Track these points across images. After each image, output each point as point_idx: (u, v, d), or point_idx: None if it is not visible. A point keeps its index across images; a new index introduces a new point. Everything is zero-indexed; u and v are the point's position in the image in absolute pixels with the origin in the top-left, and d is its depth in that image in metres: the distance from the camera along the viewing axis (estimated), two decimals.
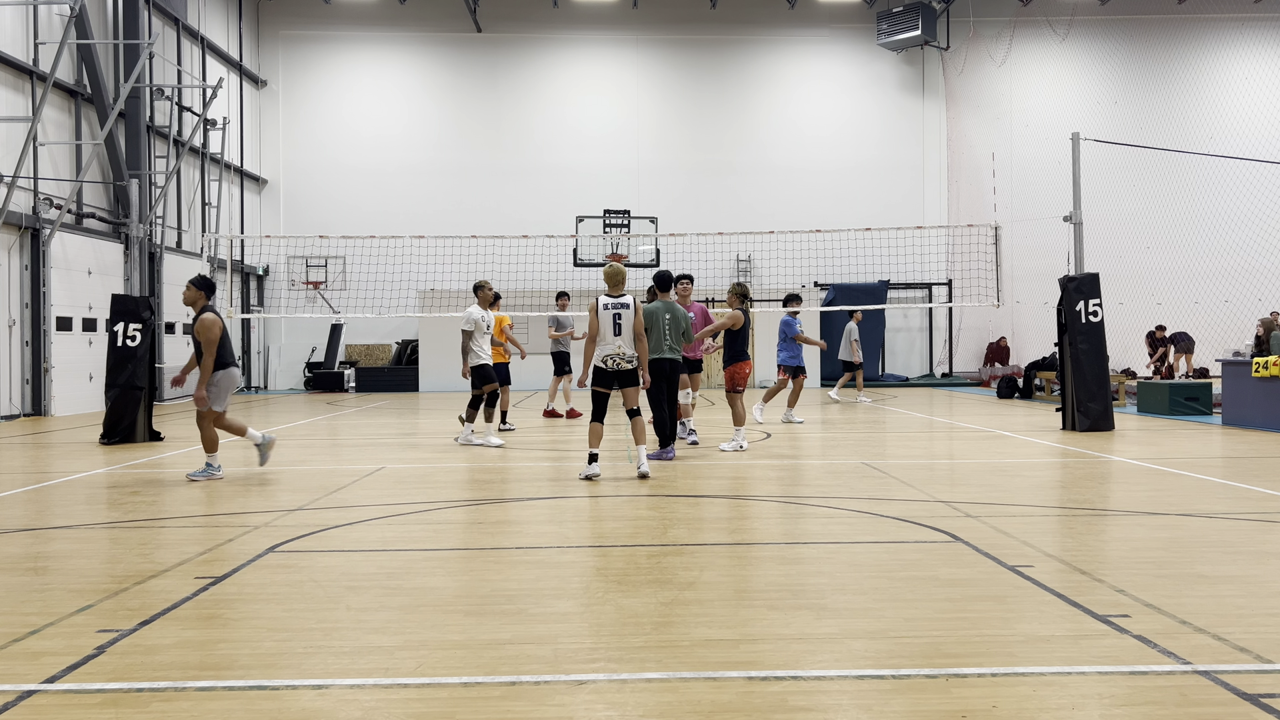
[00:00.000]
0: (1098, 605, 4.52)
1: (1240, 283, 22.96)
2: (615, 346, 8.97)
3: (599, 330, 8.99)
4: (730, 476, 9.01)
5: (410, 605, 4.64)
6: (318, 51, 27.66)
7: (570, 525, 6.74)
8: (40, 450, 11.86)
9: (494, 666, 3.77)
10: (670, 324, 10.21)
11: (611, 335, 8.98)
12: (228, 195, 25.22)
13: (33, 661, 3.86)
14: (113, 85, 19.61)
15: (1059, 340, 13.35)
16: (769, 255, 26.95)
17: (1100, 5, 27.63)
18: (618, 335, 8.97)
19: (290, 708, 3.38)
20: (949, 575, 5.12)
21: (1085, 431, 12.69)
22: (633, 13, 27.83)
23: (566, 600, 4.71)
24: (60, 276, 17.83)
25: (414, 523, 6.88)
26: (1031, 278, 25.04)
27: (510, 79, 27.79)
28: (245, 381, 26.07)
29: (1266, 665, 3.71)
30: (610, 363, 8.99)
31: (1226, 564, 5.32)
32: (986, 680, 3.58)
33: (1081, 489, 8.17)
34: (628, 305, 9.00)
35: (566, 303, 15.72)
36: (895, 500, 7.52)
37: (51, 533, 6.56)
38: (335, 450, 11.66)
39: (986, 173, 26.69)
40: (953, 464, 9.99)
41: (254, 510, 7.32)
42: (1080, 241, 13.66)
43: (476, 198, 27.36)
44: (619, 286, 9.09)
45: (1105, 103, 26.71)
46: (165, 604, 4.68)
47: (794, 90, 28.25)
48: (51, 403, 17.53)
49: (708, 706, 3.36)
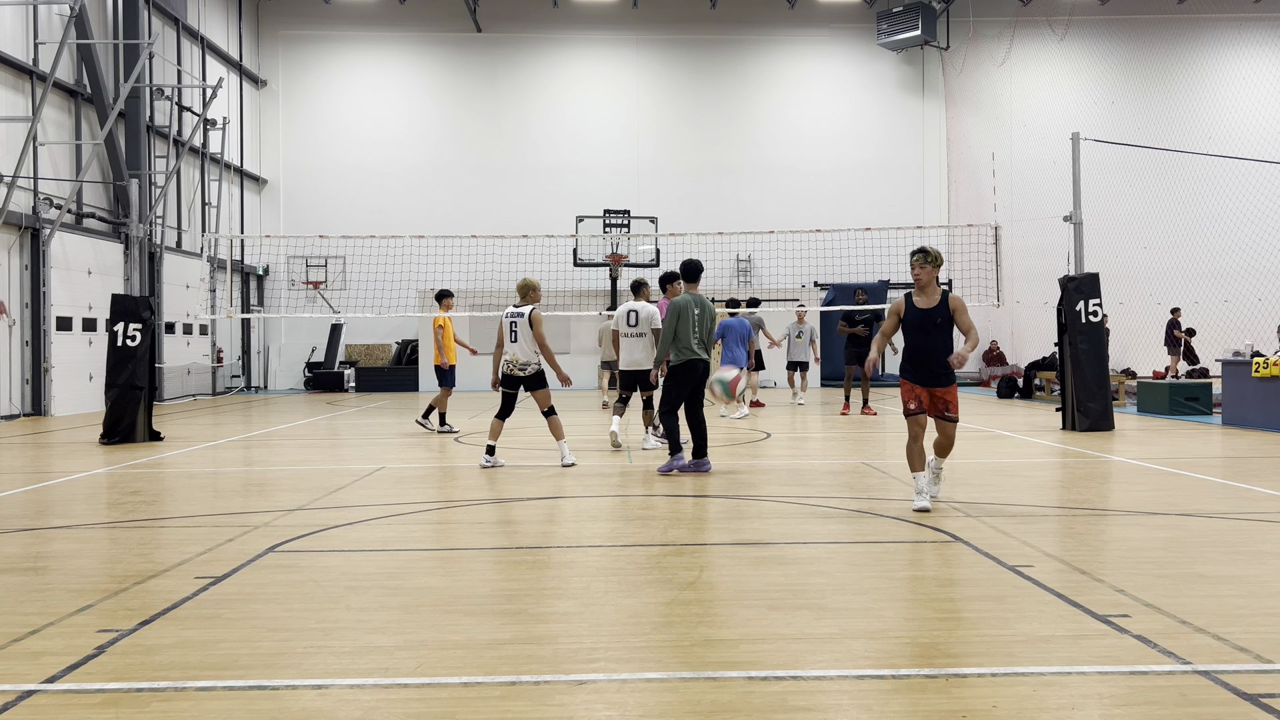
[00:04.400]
0: (1098, 605, 4.52)
1: (1240, 283, 22.94)
2: (511, 353, 9.66)
3: (501, 338, 9.77)
4: (730, 477, 9.01)
5: (410, 605, 4.64)
6: (318, 51, 27.65)
7: (570, 525, 6.74)
8: (40, 450, 11.86)
9: (494, 666, 3.77)
10: (699, 319, 9.19)
11: (509, 342, 9.67)
12: (228, 195, 25.21)
13: (33, 661, 3.86)
14: (113, 85, 19.60)
15: (1059, 340, 13.35)
16: (769, 255, 26.95)
17: (1100, 5, 27.63)
18: (514, 342, 9.64)
19: (290, 708, 3.38)
20: (949, 575, 5.12)
21: (1085, 431, 12.68)
22: (633, 13, 27.83)
23: (566, 600, 4.71)
24: (60, 276, 17.83)
25: (414, 523, 6.88)
26: (1031, 278, 25.04)
27: (510, 79, 27.78)
28: (245, 381, 26.08)
29: (1266, 665, 3.71)
30: (506, 367, 9.72)
31: (1226, 564, 5.32)
32: (986, 680, 3.58)
33: (1081, 489, 8.17)
34: (522, 314, 9.63)
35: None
36: (895, 500, 7.52)
37: (51, 533, 6.56)
38: (335, 450, 11.66)
39: (986, 173, 26.69)
40: (953, 464, 9.99)
41: (254, 510, 7.32)
42: (1080, 241, 13.66)
43: (476, 197, 27.36)
44: (523, 298, 9.80)
45: (1104, 103, 26.70)
46: (165, 604, 4.68)
47: (794, 90, 28.25)
48: (51, 403, 17.53)
49: (708, 706, 3.36)
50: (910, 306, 7.11)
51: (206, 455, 11.13)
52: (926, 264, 7.01)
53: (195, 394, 22.77)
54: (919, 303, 7.10)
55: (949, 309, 7.00)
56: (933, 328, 6.99)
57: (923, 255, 6.99)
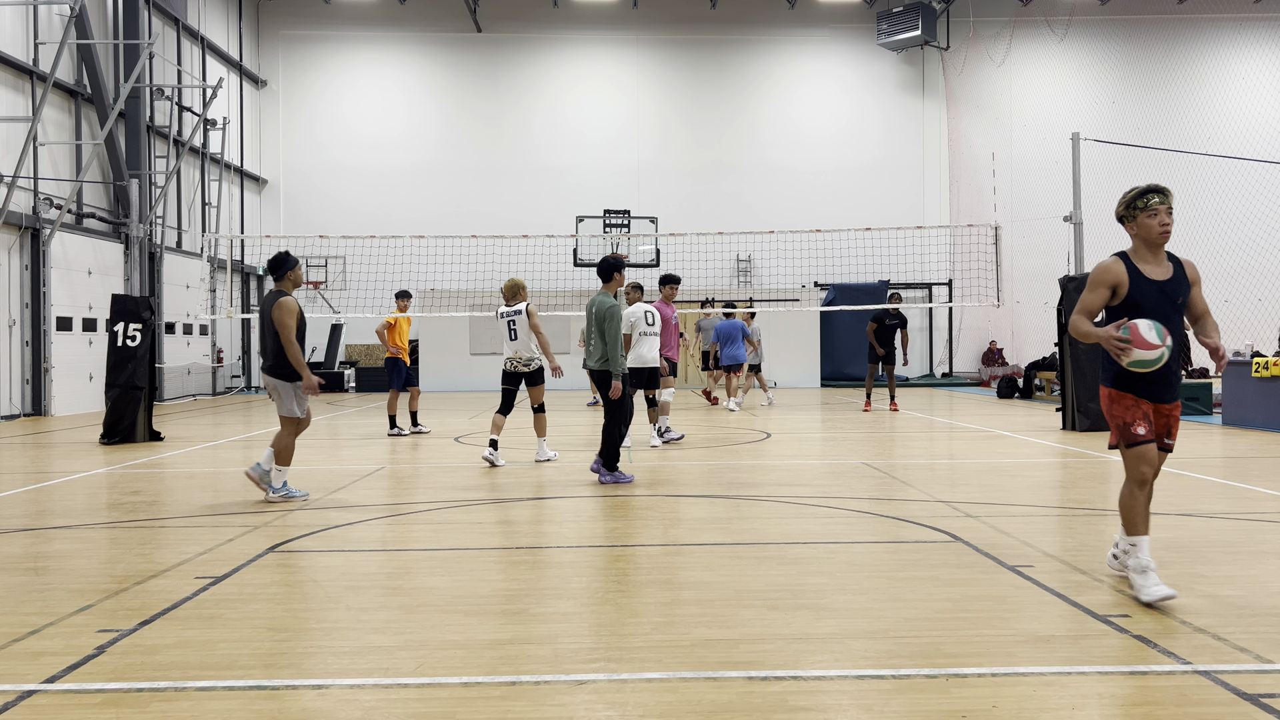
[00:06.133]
0: (1098, 605, 4.52)
1: (1240, 282, 22.94)
2: (512, 350, 9.90)
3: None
4: (730, 477, 9.01)
5: (410, 605, 4.64)
6: (318, 51, 27.65)
7: (570, 525, 6.74)
8: (40, 450, 11.86)
9: (494, 666, 3.77)
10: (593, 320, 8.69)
11: (508, 340, 9.94)
12: (228, 195, 25.21)
13: (33, 661, 3.86)
14: (113, 85, 19.60)
15: (1059, 340, 13.35)
16: (769, 255, 26.96)
17: (1100, 5, 27.63)
18: (514, 340, 9.90)
19: (290, 708, 3.38)
20: (949, 575, 5.12)
21: (1085, 431, 12.68)
22: (633, 13, 27.83)
23: (566, 600, 4.71)
24: (60, 276, 17.83)
25: (414, 523, 6.88)
26: (1031, 278, 25.05)
27: (510, 79, 27.78)
28: (245, 381, 26.08)
29: (1266, 665, 3.71)
30: (509, 364, 9.95)
31: (1226, 564, 5.32)
32: (986, 680, 3.58)
33: (1081, 489, 8.17)
34: (519, 311, 9.89)
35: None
36: (895, 500, 7.52)
37: (51, 533, 6.55)
38: (335, 450, 11.66)
39: (986, 173, 26.68)
40: (953, 464, 9.99)
41: (254, 510, 7.32)
42: (1080, 241, 13.66)
43: (477, 198, 27.36)
44: (514, 297, 10.00)
45: (1104, 103, 26.71)
46: (165, 604, 4.67)
47: (794, 90, 28.25)
48: (51, 403, 17.53)
49: (708, 706, 3.36)
50: (1138, 275, 4.68)
51: (206, 455, 11.13)
52: (1172, 209, 4.71)
53: (195, 394, 22.77)
54: (1149, 271, 4.70)
55: (1188, 280, 4.74)
56: (1172, 310, 4.66)
57: (1165, 195, 4.71)
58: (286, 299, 7.65)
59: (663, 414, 11.94)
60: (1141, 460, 4.61)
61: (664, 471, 9.36)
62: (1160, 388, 4.69)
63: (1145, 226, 4.66)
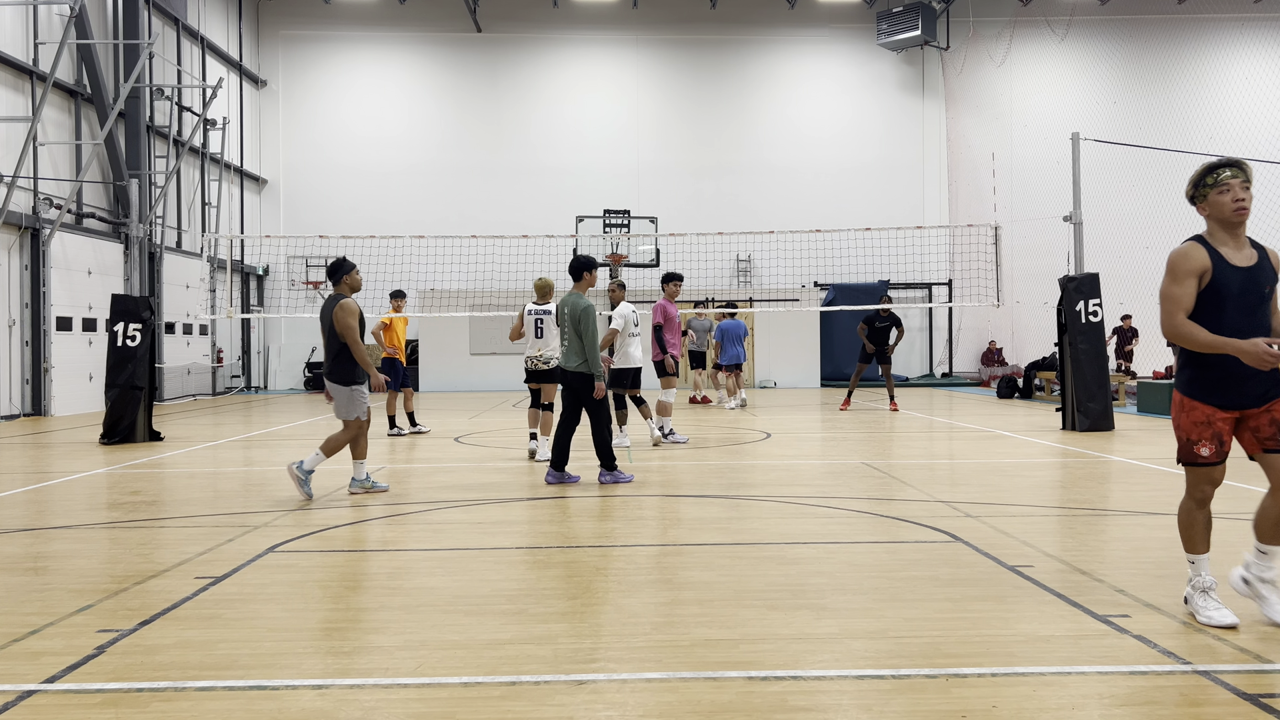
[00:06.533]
0: (1098, 605, 4.52)
1: None
2: (535, 349, 10.01)
3: (523, 333, 10.13)
4: (730, 477, 9.01)
5: (410, 605, 4.63)
6: (318, 51, 27.64)
7: (570, 525, 6.74)
8: (40, 450, 11.86)
9: (494, 666, 3.77)
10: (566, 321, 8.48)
11: (533, 338, 10.02)
12: (228, 195, 25.21)
13: (33, 661, 3.86)
14: (113, 85, 19.60)
15: (1059, 340, 13.35)
16: (769, 255, 26.95)
17: (1100, 5, 27.63)
18: (539, 338, 9.97)
19: (290, 708, 3.38)
20: (949, 575, 5.12)
21: (1085, 431, 12.68)
22: (633, 13, 27.83)
23: (566, 600, 4.71)
24: (60, 276, 17.83)
25: (414, 523, 6.88)
26: (1031, 278, 25.01)
27: (510, 79, 27.77)
28: (245, 381, 26.08)
29: (1266, 665, 3.71)
30: (529, 363, 10.06)
31: (1227, 564, 5.31)
32: (986, 680, 3.58)
33: (1081, 489, 8.17)
34: (549, 311, 9.97)
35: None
36: (895, 500, 7.52)
37: (51, 533, 6.55)
38: None
39: (986, 173, 26.68)
40: (953, 464, 9.99)
41: (254, 510, 7.32)
42: (1080, 241, 13.66)
43: (476, 198, 27.35)
44: (545, 296, 10.14)
45: (1104, 102, 26.70)
46: (165, 604, 4.68)
47: (794, 90, 28.24)
48: (51, 403, 17.53)
49: (708, 706, 3.36)
50: (1221, 261, 4.16)
51: (206, 455, 11.13)
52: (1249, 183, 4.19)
53: (195, 394, 22.77)
54: (1231, 256, 4.18)
55: (1273, 268, 4.25)
56: (1259, 301, 4.16)
57: (1240, 169, 4.22)
58: (347, 301, 7.88)
59: (663, 414, 11.92)
60: (1204, 480, 4.25)
61: (664, 471, 9.36)
62: (1244, 388, 4.13)
63: (1217, 204, 4.18)
